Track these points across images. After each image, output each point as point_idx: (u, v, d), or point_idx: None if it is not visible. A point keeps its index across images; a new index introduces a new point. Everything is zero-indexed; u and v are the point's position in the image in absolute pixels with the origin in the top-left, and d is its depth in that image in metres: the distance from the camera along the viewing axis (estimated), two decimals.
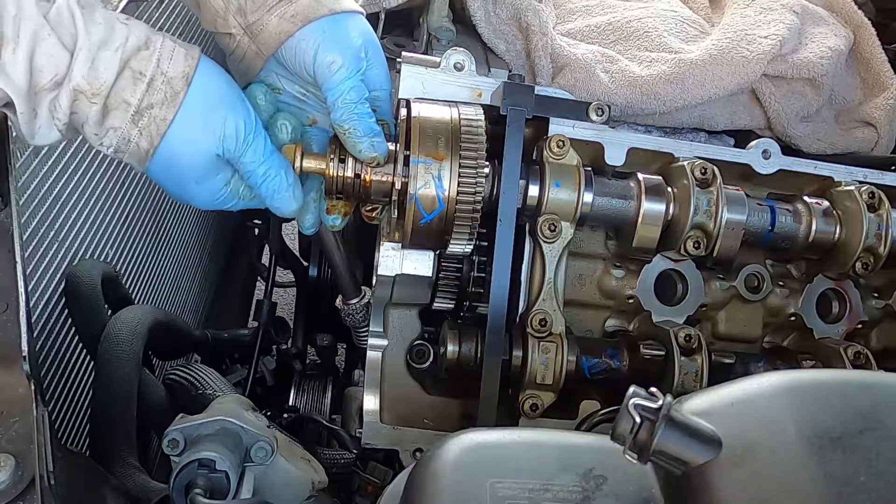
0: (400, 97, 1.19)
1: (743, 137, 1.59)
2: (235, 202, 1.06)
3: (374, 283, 1.24)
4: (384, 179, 1.09)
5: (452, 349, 1.23)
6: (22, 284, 0.89)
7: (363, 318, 1.65)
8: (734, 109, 1.62)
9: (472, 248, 1.14)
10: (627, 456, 0.68)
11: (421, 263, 1.18)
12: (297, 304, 2.25)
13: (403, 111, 1.13)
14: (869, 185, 1.25)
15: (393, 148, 1.10)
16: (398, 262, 1.18)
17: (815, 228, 1.24)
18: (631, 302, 1.27)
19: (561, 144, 1.19)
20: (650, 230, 1.20)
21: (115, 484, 0.98)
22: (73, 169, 1.26)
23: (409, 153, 1.08)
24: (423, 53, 1.53)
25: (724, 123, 1.61)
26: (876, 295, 1.35)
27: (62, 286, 1.20)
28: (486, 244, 1.21)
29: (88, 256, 1.32)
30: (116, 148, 0.95)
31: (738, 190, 1.23)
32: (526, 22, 1.58)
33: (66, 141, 1.20)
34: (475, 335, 1.23)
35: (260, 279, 2.45)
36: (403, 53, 1.23)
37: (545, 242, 1.20)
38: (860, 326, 1.32)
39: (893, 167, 1.53)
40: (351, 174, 1.08)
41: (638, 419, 0.67)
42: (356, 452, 1.33)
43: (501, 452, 0.78)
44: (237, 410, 1.01)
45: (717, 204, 1.18)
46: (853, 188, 1.25)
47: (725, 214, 1.18)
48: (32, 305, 1.12)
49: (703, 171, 1.19)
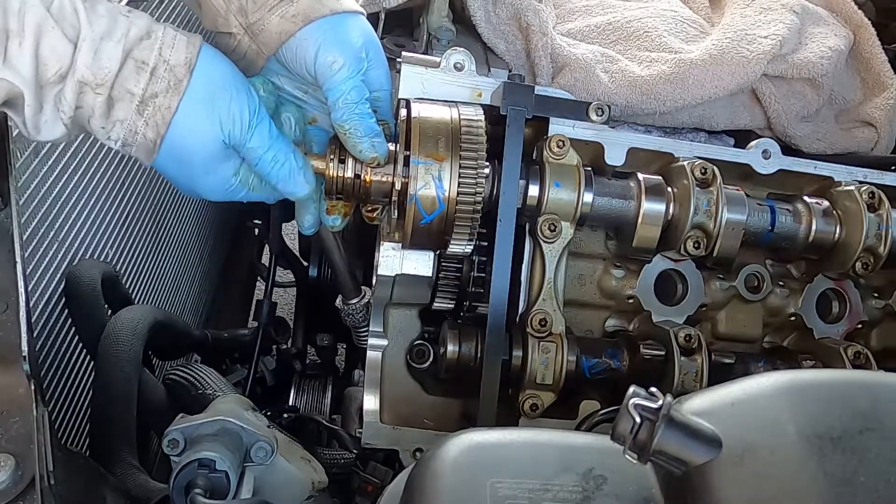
0: (400, 97, 1.19)
1: (743, 137, 1.59)
2: (246, 192, 1.05)
3: (374, 283, 1.24)
4: (384, 180, 1.09)
5: (452, 349, 1.23)
6: (22, 284, 0.89)
7: (363, 318, 1.65)
8: (734, 109, 1.62)
9: (472, 248, 1.14)
10: (627, 456, 0.68)
11: (421, 263, 1.18)
12: (297, 304, 2.25)
13: (403, 111, 1.13)
14: (869, 185, 1.25)
15: (393, 148, 1.10)
16: (398, 262, 1.18)
17: (815, 228, 1.24)
18: (631, 302, 1.27)
19: (561, 144, 1.19)
20: (650, 230, 1.20)
21: (115, 484, 0.98)
22: (73, 169, 1.26)
23: (409, 153, 1.08)
24: (423, 53, 1.53)
25: (724, 123, 1.61)
26: (876, 295, 1.35)
27: (62, 286, 1.20)
28: (486, 244, 1.21)
29: (88, 256, 1.32)
30: (124, 141, 0.95)
31: (738, 190, 1.23)
32: (526, 22, 1.58)
33: (66, 141, 1.20)
34: (475, 335, 1.23)
35: (260, 279, 2.45)
36: (403, 53, 1.23)
37: (545, 242, 1.20)
38: (860, 326, 1.32)
39: (893, 167, 1.52)
40: (351, 174, 1.08)
41: (638, 419, 0.67)
42: (356, 452, 1.33)
43: (501, 452, 0.78)
44: (237, 410, 1.01)
45: (717, 204, 1.18)
46: (853, 188, 1.25)
47: (725, 214, 1.18)
48: (32, 305, 1.12)
49: (703, 171, 1.19)
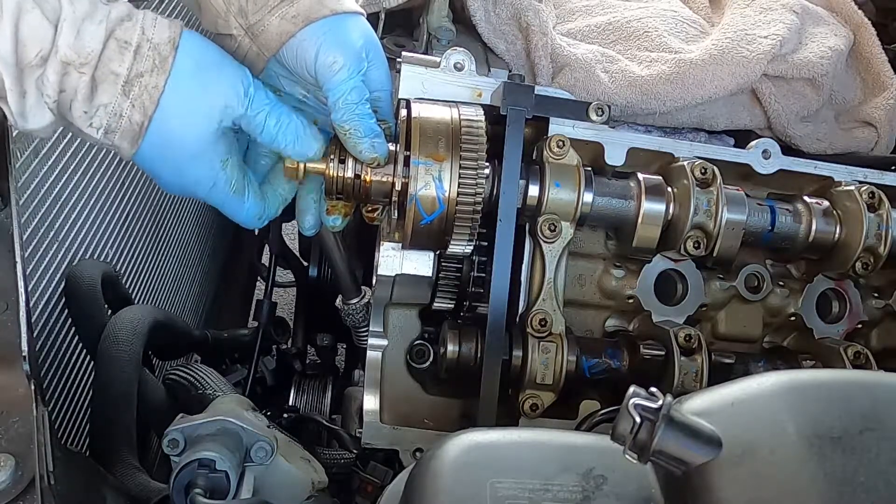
0: (400, 97, 1.19)
1: (743, 137, 1.59)
2: (227, 190, 1.01)
3: (374, 283, 1.24)
4: (384, 180, 1.09)
5: (452, 349, 1.23)
6: (22, 284, 0.89)
7: (363, 318, 1.65)
8: (734, 109, 1.62)
9: (472, 248, 1.14)
10: (627, 456, 0.68)
11: (421, 263, 1.18)
12: (297, 304, 2.25)
13: (403, 111, 1.13)
14: (869, 185, 1.25)
15: (393, 149, 1.10)
16: (398, 262, 1.18)
17: (815, 228, 1.24)
18: (631, 302, 1.27)
19: (561, 144, 1.19)
20: (650, 230, 1.20)
21: (115, 484, 0.98)
22: (73, 169, 1.26)
23: (409, 154, 1.08)
24: (423, 53, 1.53)
25: (724, 123, 1.61)
26: (876, 295, 1.35)
27: (62, 286, 1.20)
28: (486, 244, 1.20)
29: (88, 256, 1.32)
30: (107, 128, 0.92)
31: (738, 190, 1.23)
32: (526, 22, 1.58)
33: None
34: (475, 335, 1.23)
35: (260, 279, 2.45)
36: (403, 53, 1.23)
37: (545, 242, 1.20)
38: (860, 326, 1.32)
39: (893, 167, 1.53)
40: (351, 175, 1.08)
41: (638, 419, 0.67)
42: (356, 452, 1.33)
43: (501, 452, 0.78)
44: (237, 410, 1.01)
45: (717, 204, 1.18)
46: (853, 188, 1.25)
47: (725, 214, 1.18)
48: (32, 305, 1.12)
49: (703, 171, 1.19)
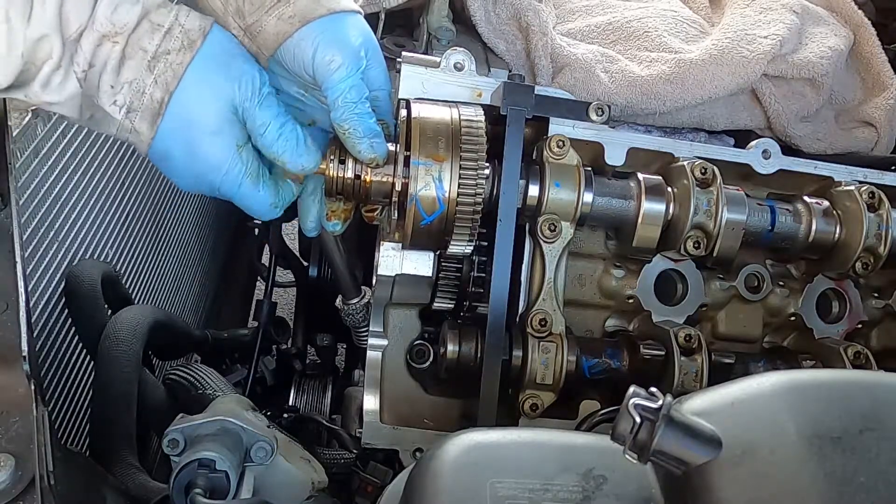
0: (400, 97, 1.19)
1: (743, 137, 1.59)
2: (241, 176, 1.02)
3: (374, 283, 1.24)
4: (384, 180, 1.09)
5: (452, 349, 1.23)
6: (22, 284, 0.89)
7: (363, 318, 1.65)
8: (734, 109, 1.62)
9: (472, 248, 1.14)
10: (627, 456, 0.68)
11: (421, 263, 1.18)
12: (297, 304, 2.25)
13: (403, 112, 1.13)
14: (869, 185, 1.25)
15: (393, 149, 1.10)
16: (398, 262, 1.18)
17: (815, 228, 1.24)
18: (631, 302, 1.27)
19: (561, 144, 1.19)
20: (650, 230, 1.20)
21: (115, 484, 0.98)
22: (73, 169, 1.26)
23: (409, 154, 1.08)
24: (423, 53, 1.53)
25: (724, 123, 1.61)
26: (876, 295, 1.35)
27: (62, 286, 1.20)
28: (486, 244, 1.20)
29: (88, 256, 1.32)
30: (130, 105, 0.94)
31: (738, 190, 1.23)
32: (526, 22, 1.58)
33: (64, 140, 1.20)
34: (475, 335, 1.23)
35: (260, 279, 2.45)
36: (403, 53, 1.23)
37: (545, 242, 1.20)
38: (860, 326, 1.32)
39: (893, 167, 1.52)
40: (351, 175, 1.08)
41: (638, 419, 0.67)
42: (356, 452, 1.33)
43: (501, 452, 0.78)
44: (237, 410, 1.01)
45: (717, 204, 1.18)
46: (853, 188, 1.25)
47: (725, 214, 1.18)
48: (32, 305, 1.12)
49: (703, 171, 1.19)
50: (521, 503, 0.71)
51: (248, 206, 1.06)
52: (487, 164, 1.12)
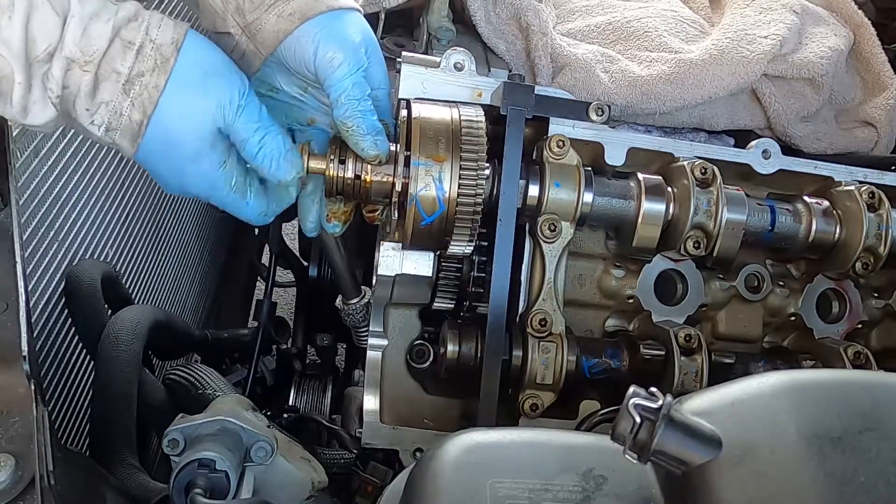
0: (400, 97, 1.19)
1: (743, 137, 1.59)
2: (227, 191, 1.02)
3: (374, 283, 1.24)
4: (384, 180, 1.09)
5: (452, 349, 1.23)
6: (22, 284, 0.89)
7: (363, 318, 1.65)
8: (734, 109, 1.62)
9: (472, 248, 1.14)
10: (627, 456, 0.68)
11: (421, 263, 1.18)
12: (297, 304, 2.25)
13: (404, 112, 1.13)
14: (869, 185, 1.25)
15: (394, 149, 1.10)
16: (398, 261, 1.18)
17: (815, 228, 1.24)
18: (631, 302, 1.27)
19: (561, 144, 1.19)
20: (650, 230, 1.20)
21: (115, 484, 0.98)
22: (73, 169, 1.26)
23: (409, 154, 1.08)
24: (423, 53, 1.53)
25: (724, 123, 1.61)
26: (876, 295, 1.35)
27: (62, 286, 1.20)
28: (486, 244, 1.20)
29: (88, 256, 1.32)
30: (108, 125, 0.93)
31: (738, 190, 1.23)
32: (526, 22, 1.58)
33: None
34: (475, 335, 1.23)
35: (260, 279, 2.45)
36: (403, 53, 1.23)
37: (545, 242, 1.20)
38: (860, 326, 1.32)
39: (893, 167, 1.52)
40: (351, 175, 1.08)
41: (638, 419, 0.67)
42: (356, 452, 1.33)
43: (501, 452, 0.78)
44: (237, 410, 1.01)
45: (717, 204, 1.18)
46: (853, 188, 1.25)
47: (725, 214, 1.18)
48: (32, 305, 1.12)
49: (703, 171, 1.19)
50: (521, 503, 0.71)
51: (237, 215, 1.06)
52: (487, 164, 1.12)
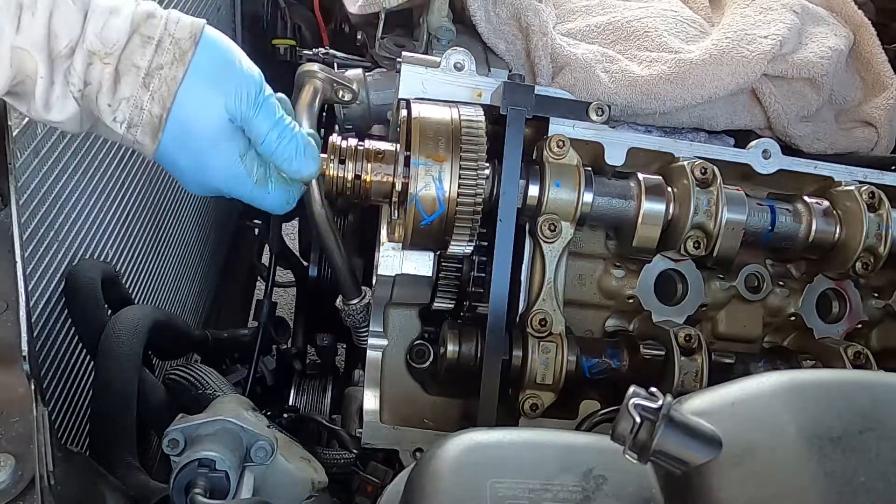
0: (400, 97, 1.19)
1: (743, 137, 1.58)
2: (250, 182, 1.02)
3: (374, 283, 1.24)
4: (384, 180, 1.09)
5: (452, 349, 1.23)
6: (22, 284, 0.89)
7: (363, 318, 1.65)
8: (734, 109, 1.61)
9: (472, 248, 1.14)
10: (627, 456, 0.68)
11: (421, 263, 1.18)
12: (297, 304, 2.25)
13: (404, 112, 1.13)
14: (869, 185, 1.25)
15: (394, 148, 1.10)
16: (398, 261, 1.18)
17: (815, 228, 1.24)
18: (631, 302, 1.27)
19: (561, 144, 1.19)
20: (650, 230, 1.20)
21: (115, 484, 0.98)
22: (73, 169, 1.26)
23: (409, 154, 1.08)
24: (423, 53, 1.53)
25: (724, 123, 1.61)
26: (876, 295, 1.35)
27: (62, 286, 1.20)
28: (486, 244, 1.21)
29: (88, 256, 1.32)
30: (130, 121, 0.94)
31: (738, 190, 1.23)
32: (526, 22, 1.58)
33: (64, 140, 1.20)
34: (475, 335, 1.23)
35: (260, 279, 2.45)
36: (403, 53, 1.24)
37: (545, 242, 1.20)
38: (860, 326, 1.32)
39: (893, 167, 1.52)
40: (351, 175, 1.08)
41: (638, 419, 0.67)
42: (356, 452, 1.33)
43: (501, 452, 0.78)
44: (237, 410, 1.01)
45: (717, 204, 1.18)
46: (853, 188, 1.25)
47: (725, 214, 1.18)
48: (32, 305, 1.12)
49: (703, 171, 1.19)
50: (521, 503, 0.71)
51: (260, 206, 1.07)
52: (487, 164, 1.12)
